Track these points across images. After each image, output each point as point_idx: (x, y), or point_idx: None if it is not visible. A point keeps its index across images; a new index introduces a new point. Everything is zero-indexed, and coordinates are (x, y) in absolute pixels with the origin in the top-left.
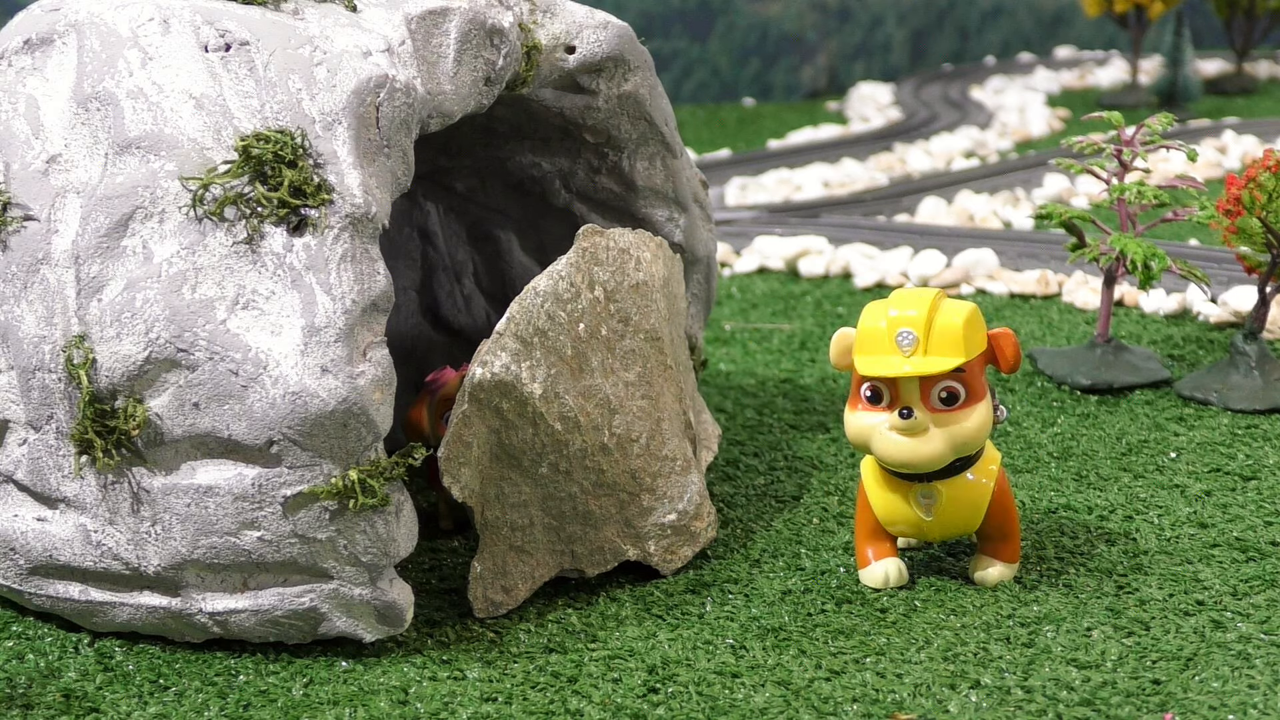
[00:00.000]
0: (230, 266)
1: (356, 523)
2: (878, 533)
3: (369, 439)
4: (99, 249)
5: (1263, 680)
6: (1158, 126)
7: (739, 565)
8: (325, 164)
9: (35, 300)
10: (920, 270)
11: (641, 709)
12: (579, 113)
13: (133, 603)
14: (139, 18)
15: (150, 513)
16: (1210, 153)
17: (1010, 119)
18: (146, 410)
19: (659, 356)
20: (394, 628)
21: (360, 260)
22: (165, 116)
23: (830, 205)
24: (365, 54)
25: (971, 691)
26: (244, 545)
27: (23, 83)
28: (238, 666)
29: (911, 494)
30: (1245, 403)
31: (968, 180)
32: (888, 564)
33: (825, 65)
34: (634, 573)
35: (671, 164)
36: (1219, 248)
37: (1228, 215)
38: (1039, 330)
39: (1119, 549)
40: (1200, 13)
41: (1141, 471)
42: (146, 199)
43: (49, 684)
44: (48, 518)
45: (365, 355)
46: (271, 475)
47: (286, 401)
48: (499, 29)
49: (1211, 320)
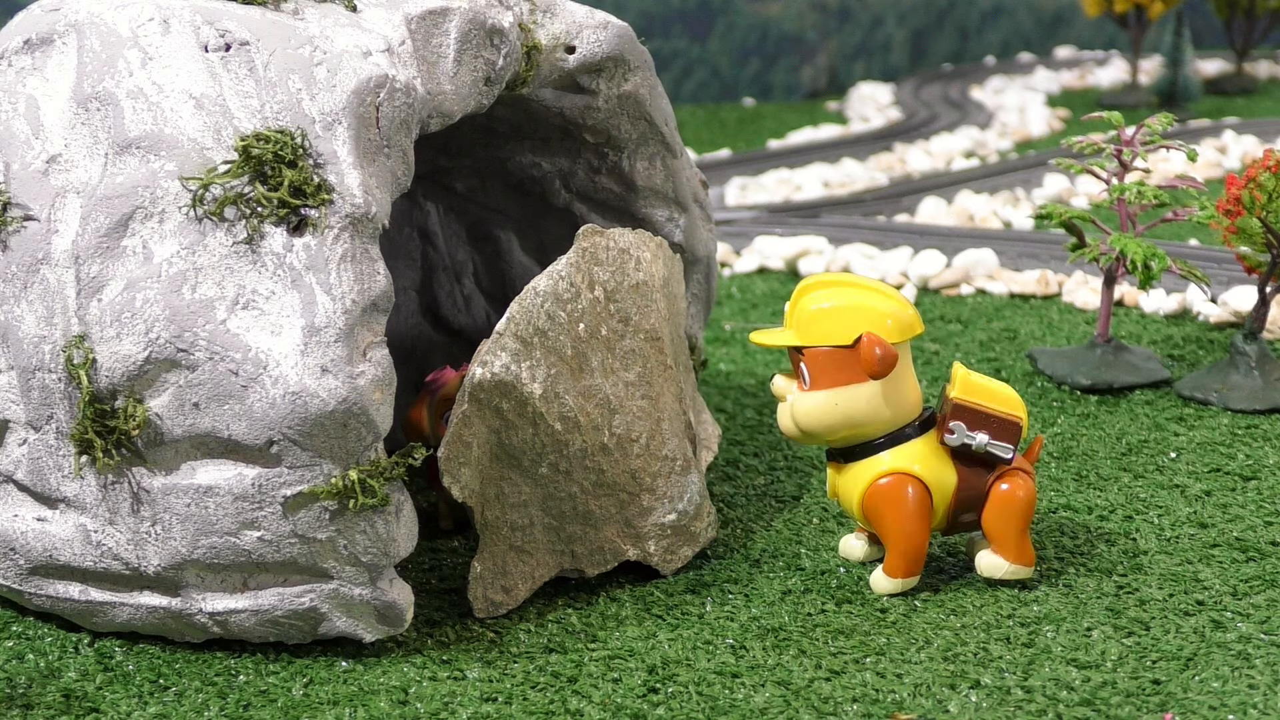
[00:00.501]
0: (230, 266)
1: (356, 523)
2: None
3: (369, 439)
4: (99, 249)
5: (1263, 680)
6: (1158, 126)
7: (739, 565)
8: (325, 164)
9: (35, 300)
10: (920, 270)
11: (641, 709)
12: (579, 113)
13: (133, 603)
14: (139, 18)
15: (150, 513)
16: (1210, 153)
17: (1010, 119)
18: (146, 410)
19: (659, 356)
20: (394, 628)
21: (360, 260)
22: (165, 116)
23: (830, 205)
24: (365, 54)
25: (971, 691)
26: (244, 545)
27: (23, 83)
28: (238, 666)
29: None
30: (1245, 403)
31: (968, 180)
32: (851, 536)
33: (825, 65)
34: (634, 573)
35: (671, 164)
36: (1219, 248)
37: (1228, 215)
38: (1039, 330)
39: (1119, 549)
40: (1200, 13)
41: (1141, 471)
42: (146, 199)
43: (49, 684)
44: (48, 518)
45: (365, 355)
46: (271, 475)
47: (286, 401)
48: (499, 29)
49: (1211, 320)
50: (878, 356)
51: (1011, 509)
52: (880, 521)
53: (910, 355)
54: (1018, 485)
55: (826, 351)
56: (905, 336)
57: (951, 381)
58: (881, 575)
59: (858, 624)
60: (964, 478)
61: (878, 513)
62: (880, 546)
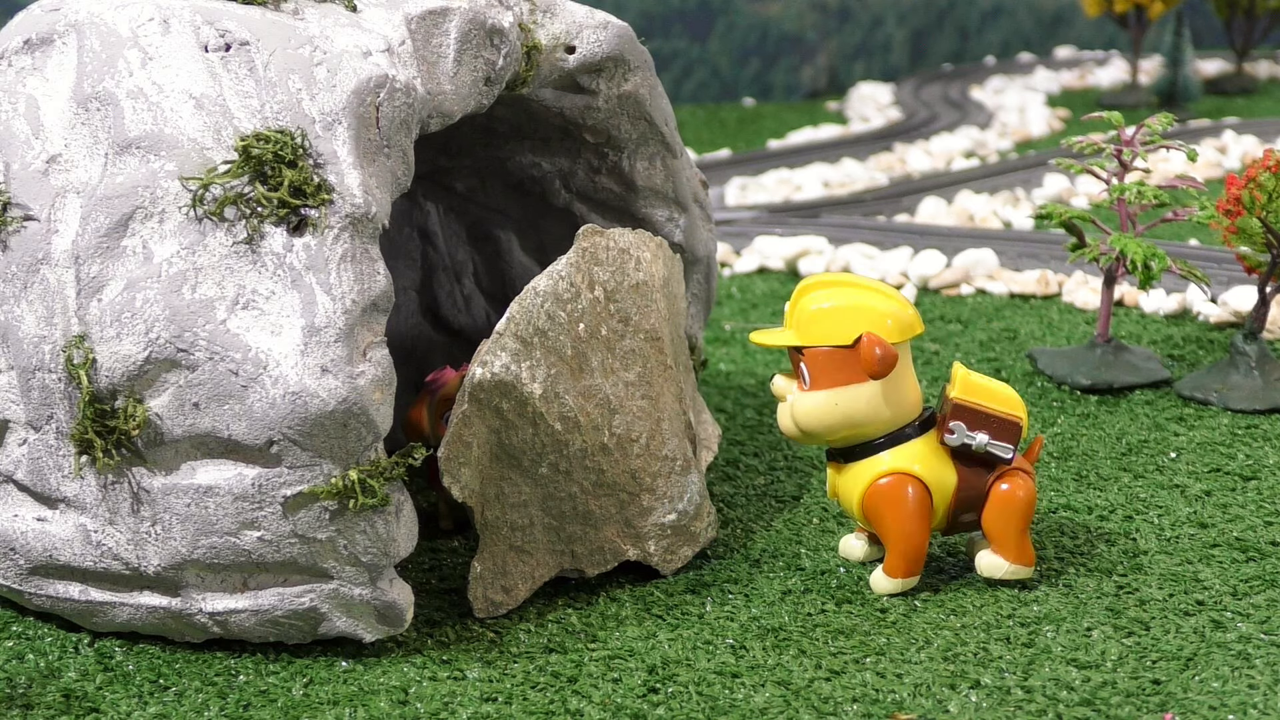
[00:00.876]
0: (230, 266)
1: (356, 523)
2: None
3: (369, 439)
4: (99, 249)
5: (1263, 680)
6: (1158, 126)
7: (739, 565)
8: (325, 164)
9: (35, 300)
10: (920, 270)
11: (641, 709)
12: (579, 113)
13: (133, 603)
14: (139, 18)
15: (150, 513)
16: (1210, 153)
17: (1010, 119)
18: (146, 410)
19: (659, 356)
20: (394, 628)
21: (360, 260)
22: (165, 116)
23: (830, 205)
24: (365, 54)
25: (971, 691)
26: (244, 545)
27: (23, 83)
28: (238, 666)
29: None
30: (1245, 403)
31: (968, 180)
32: (851, 536)
33: (825, 65)
34: (634, 573)
35: (671, 164)
36: (1219, 248)
37: (1228, 215)
38: (1039, 330)
39: (1119, 549)
40: (1200, 13)
41: (1141, 471)
42: (146, 199)
43: (49, 684)
44: (48, 518)
45: (365, 355)
46: (271, 475)
47: (286, 401)
48: (499, 29)
49: (1211, 320)
50: (877, 356)
51: (1011, 509)
52: (880, 521)
53: (910, 355)
54: (1018, 485)
55: (826, 351)
56: (905, 336)
57: (951, 381)
58: (881, 575)
59: (858, 624)
60: (964, 478)
61: (877, 513)
62: (880, 546)
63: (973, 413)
